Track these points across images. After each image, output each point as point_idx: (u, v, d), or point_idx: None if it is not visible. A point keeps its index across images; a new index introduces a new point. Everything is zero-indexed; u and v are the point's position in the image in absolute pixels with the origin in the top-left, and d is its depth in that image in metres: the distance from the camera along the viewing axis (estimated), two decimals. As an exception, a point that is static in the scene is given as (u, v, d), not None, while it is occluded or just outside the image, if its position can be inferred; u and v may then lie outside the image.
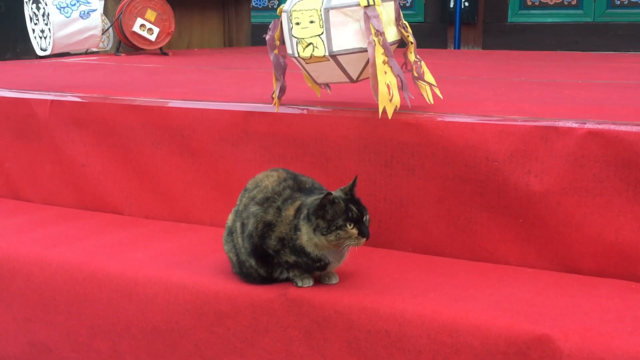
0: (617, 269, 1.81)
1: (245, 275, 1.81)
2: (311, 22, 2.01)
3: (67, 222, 2.40)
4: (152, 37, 4.51)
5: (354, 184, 1.69)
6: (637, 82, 3.01)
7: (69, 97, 2.63)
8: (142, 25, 4.45)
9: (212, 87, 2.95)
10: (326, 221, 1.63)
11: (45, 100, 2.62)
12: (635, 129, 1.78)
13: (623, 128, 1.80)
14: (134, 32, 4.46)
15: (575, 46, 6.37)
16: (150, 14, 4.46)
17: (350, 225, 1.62)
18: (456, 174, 1.96)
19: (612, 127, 1.81)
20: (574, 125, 1.85)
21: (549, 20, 6.64)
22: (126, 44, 4.59)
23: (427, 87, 2.13)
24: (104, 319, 1.97)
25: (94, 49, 4.13)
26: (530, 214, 1.88)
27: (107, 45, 4.81)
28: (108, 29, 4.62)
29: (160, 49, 4.62)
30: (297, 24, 2.03)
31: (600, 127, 1.82)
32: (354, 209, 1.63)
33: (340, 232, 1.62)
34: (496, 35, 6.78)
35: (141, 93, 2.62)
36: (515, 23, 6.77)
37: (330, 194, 1.62)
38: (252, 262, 1.77)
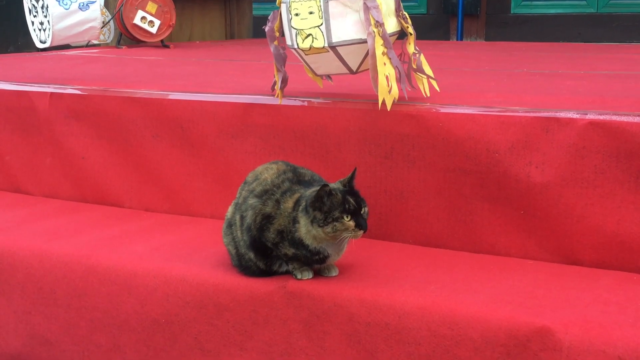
0: (618, 261, 1.81)
1: (245, 268, 1.81)
2: (310, 13, 1.99)
3: (67, 215, 2.40)
4: (153, 30, 4.50)
5: (352, 176, 1.68)
6: (639, 73, 2.99)
7: (69, 90, 2.62)
8: (143, 18, 4.44)
9: (213, 80, 2.94)
10: (323, 213, 1.62)
11: (45, 93, 2.62)
12: (636, 119, 1.77)
13: (624, 119, 1.78)
14: (135, 25, 4.44)
15: (578, 37, 6.34)
16: (151, 7, 4.44)
17: (347, 217, 1.61)
18: (457, 166, 1.95)
19: (614, 117, 1.80)
20: (575, 116, 1.84)
21: (552, 11, 6.61)
22: (127, 37, 4.58)
23: (424, 80, 2.11)
24: (104, 312, 1.97)
25: (95, 42, 4.13)
26: (531, 205, 1.87)
27: (108, 37, 4.80)
28: (109, 21, 4.61)
29: (162, 41, 4.61)
30: (297, 15, 2.02)
31: (601, 117, 1.81)
32: (351, 200, 1.63)
33: (336, 224, 1.61)
34: (499, 26, 6.75)
35: (142, 85, 2.61)
36: (518, 14, 6.74)
37: (327, 185, 1.62)
38: (251, 254, 1.77)
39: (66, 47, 4.18)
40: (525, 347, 1.51)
